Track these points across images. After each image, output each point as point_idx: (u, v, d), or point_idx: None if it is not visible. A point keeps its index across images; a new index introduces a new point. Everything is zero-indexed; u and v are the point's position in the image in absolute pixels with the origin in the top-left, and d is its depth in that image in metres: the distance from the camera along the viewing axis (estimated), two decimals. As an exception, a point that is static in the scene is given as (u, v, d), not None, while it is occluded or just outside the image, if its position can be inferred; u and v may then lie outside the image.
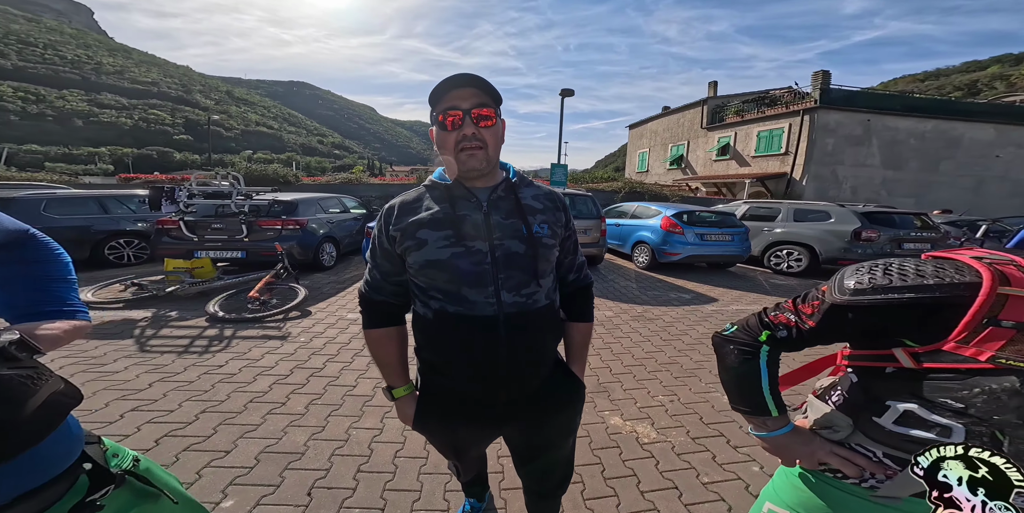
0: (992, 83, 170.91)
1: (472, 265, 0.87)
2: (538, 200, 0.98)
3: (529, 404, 0.99)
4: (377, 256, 0.97)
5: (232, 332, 3.38)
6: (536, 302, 0.93)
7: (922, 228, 6.42)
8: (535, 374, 0.98)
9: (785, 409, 0.84)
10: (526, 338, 0.92)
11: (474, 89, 0.83)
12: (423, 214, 0.90)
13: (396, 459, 1.92)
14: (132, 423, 2.09)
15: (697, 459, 1.92)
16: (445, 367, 0.96)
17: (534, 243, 0.91)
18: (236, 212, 5.07)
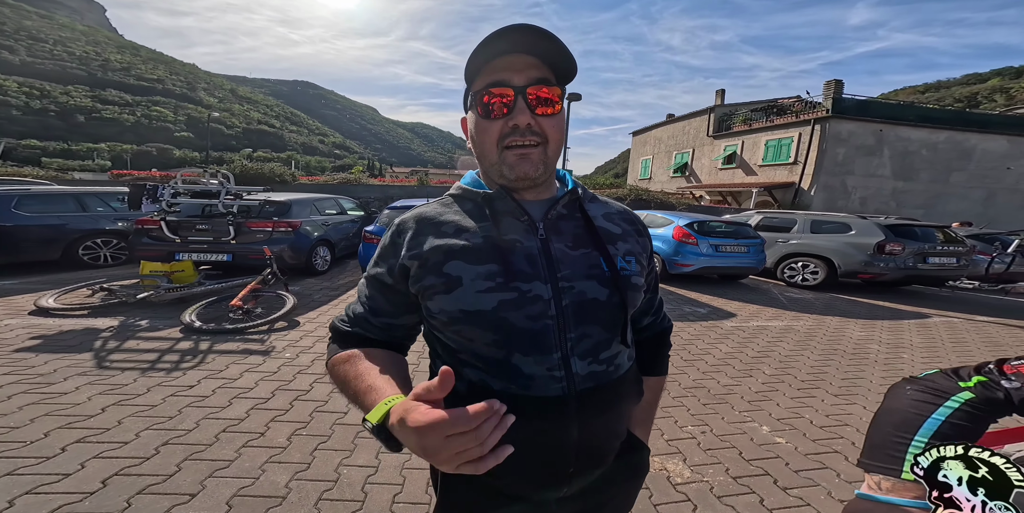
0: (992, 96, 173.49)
1: (528, 320, 0.59)
2: (613, 221, 0.71)
3: (589, 487, 0.71)
4: (371, 288, 0.68)
5: (208, 345, 3.06)
6: (619, 368, 0.66)
7: (946, 242, 6.24)
8: (608, 458, 0.70)
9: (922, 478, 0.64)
10: (605, 421, 0.65)
11: (532, 57, 0.57)
12: (452, 237, 0.62)
13: (395, 505, 1.63)
14: (75, 458, 1.76)
15: (742, 503, 1.68)
16: None
17: (621, 285, 0.63)
18: (224, 212, 4.77)
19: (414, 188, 13.06)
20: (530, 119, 0.58)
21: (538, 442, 0.61)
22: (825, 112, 14.32)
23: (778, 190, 15.65)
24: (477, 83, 0.59)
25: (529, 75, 0.57)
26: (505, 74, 0.57)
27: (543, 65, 0.58)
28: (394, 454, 1.83)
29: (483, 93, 0.58)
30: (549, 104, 0.59)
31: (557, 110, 0.60)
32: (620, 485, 0.77)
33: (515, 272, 0.59)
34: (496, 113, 0.58)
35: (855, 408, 2.57)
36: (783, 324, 4.35)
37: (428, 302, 0.62)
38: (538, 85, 0.57)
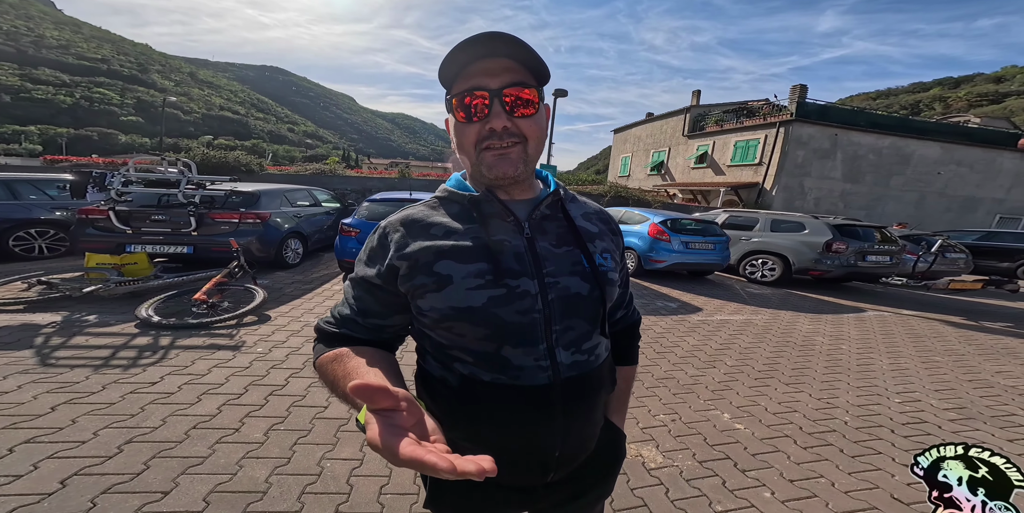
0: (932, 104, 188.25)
1: (518, 314, 0.62)
2: (590, 221, 0.75)
3: (571, 477, 0.76)
4: (358, 289, 0.68)
5: (170, 341, 2.90)
6: (598, 358, 0.70)
7: (882, 241, 6.71)
8: (589, 445, 0.75)
9: None
10: (586, 407, 0.69)
11: (509, 61, 0.58)
12: (441, 237, 0.64)
13: (382, 496, 1.63)
14: (25, 459, 1.65)
15: (707, 485, 1.80)
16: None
17: (600, 280, 0.67)
18: (184, 203, 4.50)
19: (395, 180, 12.65)
20: (506, 121, 0.59)
21: (527, 429, 0.64)
22: (789, 115, 14.97)
23: (744, 190, 16.30)
24: (454, 88, 0.60)
25: (504, 78, 0.58)
26: (481, 78, 0.58)
27: (519, 67, 0.59)
28: None
29: (460, 97, 0.59)
30: (527, 105, 0.60)
31: (534, 111, 0.61)
32: (600, 470, 0.82)
33: (504, 270, 0.62)
34: (474, 117, 0.59)
35: (803, 396, 2.78)
36: (743, 318, 4.61)
37: (419, 301, 0.64)
38: (516, 86, 0.58)
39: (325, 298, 4.26)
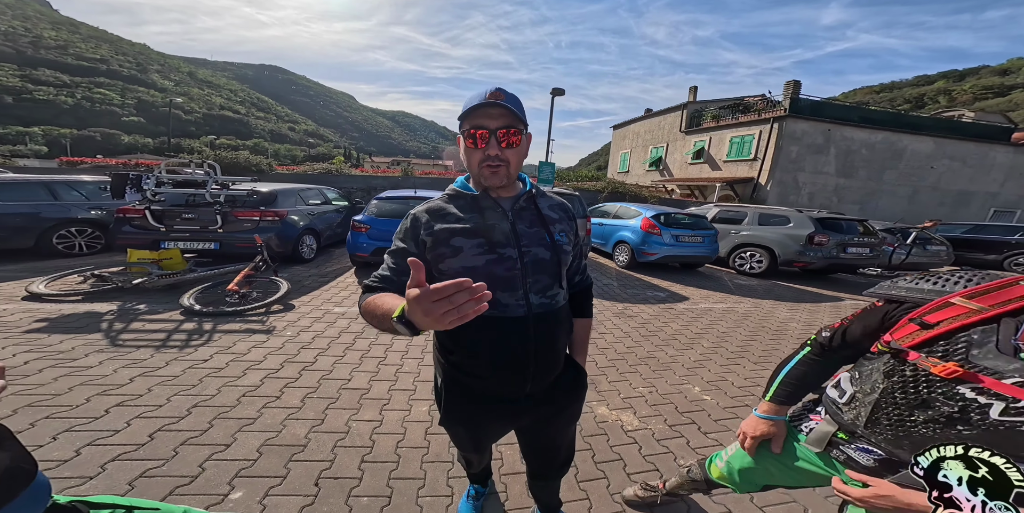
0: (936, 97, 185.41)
1: (505, 270, 0.94)
2: (554, 210, 1.06)
3: (545, 394, 1.08)
4: (397, 257, 0.99)
5: (212, 326, 3.29)
6: (558, 302, 1.03)
7: (864, 234, 6.96)
8: (555, 366, 1.07)
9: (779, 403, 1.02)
10: (550, 334, 1.01)
11: (503, 109, 0.87)
12: (454, 222, 0.96)
13: (398, 449, 1.98)
14: (119, 418, 2.04)
15: (674, 444, 2.11)
16: (476, 367, 1.01)
17: (557, 250, 1.00)
18: (211, 202, 4.87)
19: (398, 179, 12.78)
20: (498, 151, 0.89)
21: (512, 346, 0.96)
22: (783, 111, 15.01)
23: (739, 185, 16.39)
24: (466, 122, 0.88)
25: (500, 121, 0.87)
26: (484, 120, 0.87)
27: (510, 113, 0.87)
28: (394, 411, 2.25)
29: (471, 130, 0.88)
30: (512, 140, 0.89)
31: (518, 144, 0.90)
32: (567, 395, 1.13)
33: (495, 242, 0.94)
34: (477, 146, 0.89)
35: (767, 373, 3.06)
36: (726, 306, 4.92)
37: (440, 264, 0.95)
38: (506, 128, 0.87)
39: (341, 288, 4.63)
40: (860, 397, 0.78)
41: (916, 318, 0.71)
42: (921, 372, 0.68)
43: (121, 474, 1.67)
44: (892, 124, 16.10)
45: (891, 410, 0.73)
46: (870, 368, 0.78)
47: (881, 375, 0.74)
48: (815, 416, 0.96)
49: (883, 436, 0.76)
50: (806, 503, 1.75)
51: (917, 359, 0.68)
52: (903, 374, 0.71)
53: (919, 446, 0.64)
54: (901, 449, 0.74)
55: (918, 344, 0.69)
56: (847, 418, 0.82)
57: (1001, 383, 0.61)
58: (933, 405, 0.67)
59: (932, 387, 0.67)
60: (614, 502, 1.70)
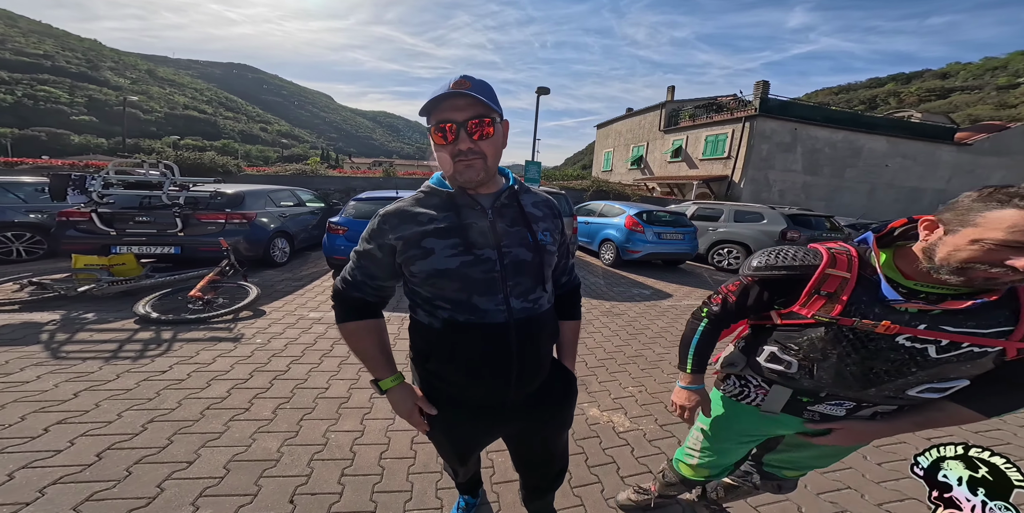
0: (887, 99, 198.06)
1: (482, 273, 0.86)
2: (538, 207, 0.98)
3: (532, 401, 1.02)
4: (364, 260, 0.93)
5: (172, 335, 3.04)
6: (541, 306, 0.95)
7: (831, 229, 7.26)
8: (539, 373, 1.00)
9: (698, 372, 1.14)
10: (534, 341, 0.94)
11: (469, 99, 0.78)
12: (426, 223, 0.87)
13: (382, 460, 1.86)
14: (60, 437, 1.82)
15: (665, 445, 2.09)
16: (454, 375, 0.94)
17: (540, 250, 0.91)
18: (169, 204, 4.56)
19: (379, 180, 12.42)
20: (470, 144, 0.80)
21: (492, 353, 0.90)
22: (754, 111, 15.53)
23: (715, 183, 16.82)
24: (431, 118, 0.80)
25: (467, 113, 0.78)
26: (450, 113, 0.79)
27: (478, 103, 0.78)
28: (377, 420, 2.15)
29: (438, 125, 0.80)
30: (485, 131, 0.80)
31: (491, 133, 0.81)
32: (556, 402, 1.07)
33: (471, 242, 0.85)
34: (446, 141, 0.81)
35: None
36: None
37: (411, 267, 0.87)
38: (476, 118, 0.79)
39: (317, 293, 4.41)
40: (815, 365, 0.90)
41: (815, 291, 0.86)
42: (863, 333, 0.82)
43: (64, 498, 1.49)
44: (851, 124, 16.94)
45: (853, 368, 0.85)
46: (806, 339, 0.89)
47: (827, 343, 0.86)
48: (757, 389, 1.06)
49: (852, 389, 0.88)
50: (800, 502, 1.74)
51: (853, 324, 0.81)
52: (848, 338, 0.83)
53: (884, 389, 0.85)
54: (868, 395, 0.89)
55: (841, 312, 0.82)
56: (806, 384, 0.94)
57: (920, 330, 0.76)
58: (886, 355, 0.81)
59: (877, 342, 0.81)
60: (609, 507, 1.65)
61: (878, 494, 1.81)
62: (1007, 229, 0.62)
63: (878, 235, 0.86)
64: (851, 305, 0.82)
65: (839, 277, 0.83)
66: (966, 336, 0.74)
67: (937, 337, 0.75)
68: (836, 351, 0.85)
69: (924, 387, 0.82)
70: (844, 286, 0.83)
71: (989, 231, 0.64)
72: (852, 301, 0.82)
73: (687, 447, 1.24)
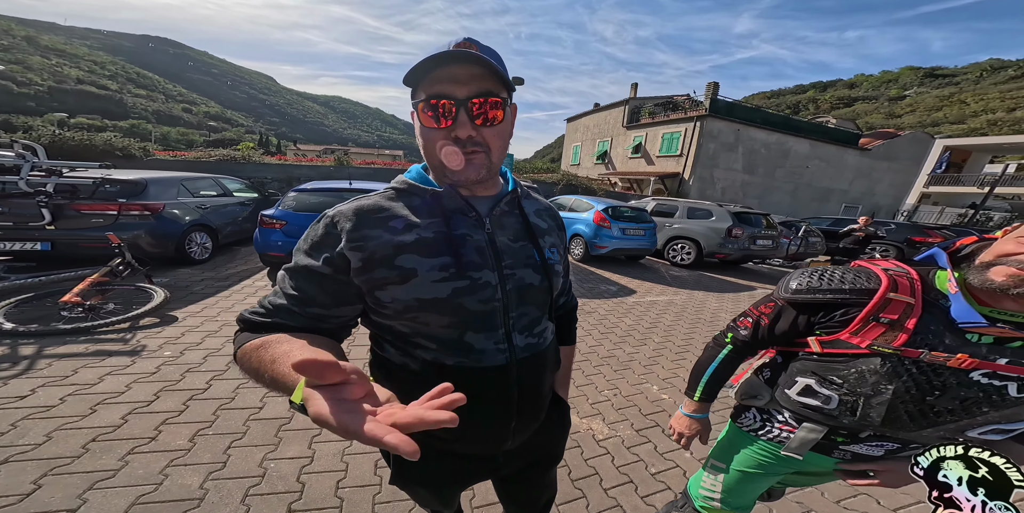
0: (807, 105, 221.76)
1: (480, 303, 0.65)
2: (542, 217, 0.80)
3: (526, 443, 0.83)
4: (299, 280, 0.64)
5: (35, 350, 2.41)
6: (545, 340, 0.77)
7: (767, 227, 7.66)
8: (540, 416, 0.81)
9: (706, 401, 1.05)
10: (536, 381, 0.76)
11: (476, 68, 0.57)
12: (402, 231, 0.64)
13: (340, 491, 1.55)
14: None
15: (643, 451, 2.01)
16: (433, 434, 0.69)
17: (549, 272, 0.73)
18: (29, 192, 3.71)
19: (329, 168, 11.20)
20: (471, 131, 0.59)
21: (488, 402, 0.69)
22: (704, 111, 16.37)
23: (669, 179, 17.61)
24: (421, 89, 0.59)
25: (473, 87, 0.57)
26: (448, 85, 0.57)
27: (488, 75, 0.58)
28: (330, 442, 1.78)
29: (427, 102, 0.58)
30: (492, 115, 0.59)
31: (500, 119, 0.61)
32: (550, 437, 0.91)
33: (467, 263, 0.64)
34: (440, 123, 0.59)
35: None
36: (667, 299, 5.07)
37: (379, 292, 0.63)
38: (483, 95, 0.58)
39: (246, 295, 3.82)
40: (861, 401, 0.79)
41: (873, 317, 0.75)
42: (929, 366, 0.71)
43: None
44: (783, 126, 18.54)
45: (911, 406, 0.75)
46: (854, 371, 0.78)
47: (881, 377, 0.75)
48: (782, 426, 0.94)
49: (905, 430, 0.79)
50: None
51: (920, 355, 0.71)
52: (911, 372, 0.73)
53: (942, 429, 0.75)
54: (922, 436, 0.79)
55: (906, 342, 0.72)
56: (847, 422, 0.83)
57: (1002, 365, 0.67)
58: (954, 393, 0.71)
59: (947, 378, 0.71)
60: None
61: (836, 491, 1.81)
62: None
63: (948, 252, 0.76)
64: (917, 334, 0.72)
65: (903, 302, 0.73)
66: None
67: (1022, 373, 0.66)
68: (893, 386, 0.74)
69: (989, 428, 0.74)
70: (909, 313, 0.73)
71: None
72: (919, 330, 0.72)
73: (705, 489, 1.11)
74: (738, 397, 1.04)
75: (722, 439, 1.10)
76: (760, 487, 1.05)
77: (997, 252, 0.65)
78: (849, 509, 1.68)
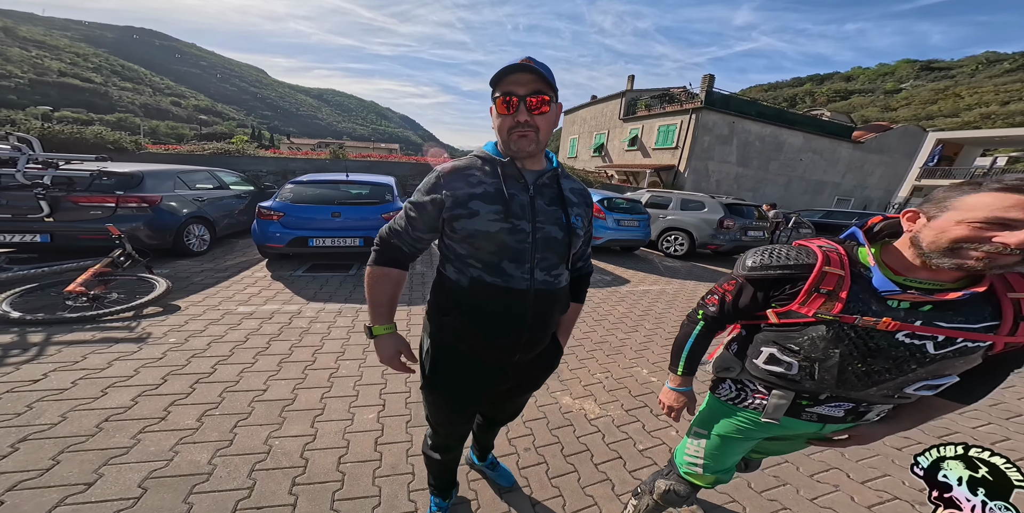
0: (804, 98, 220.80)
1: (516, 242, 0.93)
2: (575, 194, 1.05)
3: (527, 366, 1.10)
4: (412, 212, 0.99)
5: (44, 337, 2.49)
6: (560, 283, 1.03)
7: (759, 218, 7.80)
8: (544, 341, 1.08)
9: (689, 374, 1.15)
10: (546, 311, 1.01)
11: (532, 75, 0.85)
12: (475, 185, 0.94)
13: (341, 466, 1.64)
14: None
15: (632, 430, 2.11)
16: (470, 332, 1.00)
17: (570, 232, 0.99)
18: (27, 184, 3.73)
19: (325, 162, 11.09)
20: (527, 117, 0.88)
21: (508, 316, 0.97)
22: (699, 103, 16.26)
23: (664, 172, 17.57)
24: (497, 89, 0.88)
25: (529, 87, 0.86)
26: (513, 86, 0.86)
27: (539, 80, 0.86)
28: (331, 422, 1.90)
29: (500, 97, 0.87)
30: (541, 107, 0.87)
31: (547, 110, 0.88)
32: (541, 368, 1.17)
33: (512, 212, 0.92)
34: (507, 111, 0.88)
35: None
36: (659, 288, 5.17)
37: (454, 223, 0.93)
38: (535, 94, 0.86)
39: (246, 285, 3.87)
40: (817, 365, 0.88)
41: (815, 289, 0.85)
42: (864, 331, 0.81)
43: None
44: (777, 119, 18.48)
45: (856, 366, 0.84)
46: (807, 338, 0.87)
47: (828, 342, 0.84)
48: (757, 394, 1.03)
49: (854, 389, 0.88)
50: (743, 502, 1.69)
51: (855, 321, 0.80)
52: (850, 336, 0.82)
53: (884, 388, 0.85)
54: (869, 395, 0.88)
55: (842, 309, 0.82)
56: (808, 386, 0.92)
57: (918, 326, 0.77)
58: (887, 353, 0.81)
59: (878, 340, 0.81)
60: (586, 495, 1.62)
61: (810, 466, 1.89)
62: (987, 208, 0.66)
63: (863, 230, 0.88)
64: (850, 302, 0.82)
65: (836, 274, 0.84)
66: (960, 331, 0.76)
67: (934, 333, 0.77)
68: (838, 350, 0.84)
69: (920, 384, 0.84)
70: (841, 283, 0.83)
71: (971, 212, 0.68)
72: (851, 298, 0.82)
73: (689, 456, 1.19)
74: (714, 371, 1.13)
75: (703, 409, 1.18)
76: (739, 452, 1.13)
77: (951, 238, 0.70)
78: (821, 482, 1.78)
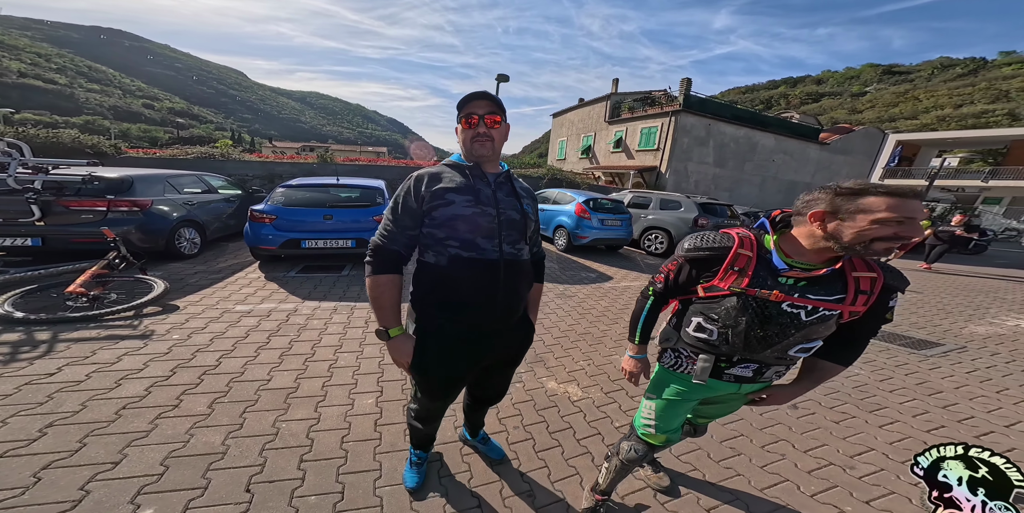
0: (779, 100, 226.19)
1: (487, 222, 1.17)
2: (523, 191, 1.32)
3: (507, 340, 1.31)
4: (399, 213, 1.19)
5: (51, 335, 2.58)
6: (522, 255, 1.27)
7: (731, 217, 8.18)
8: (518, 308, 1.28)
9: (643, 343, 1.34)
10: (515, 279, 1.23)
11: (488, 101, 1.16)
12: (449, 183, 1.17)
13: (344, 444, 1.80)
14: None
15: (610, 409, 2.30)
16: (451, 304, 1.19)
17: (524, 215, 1.26)
18: (17, 188, 3.77)
19: (312, 166, 10.97)
20: (485, 130, 1.17)
21: (484, 283, 1.17)
22: (678, 106, 16.72)
23: (647, 173, 17.94)
24: (463, 111, 1.16)
25: (486, 109, 1.16)
26: (475, 108, 1.15)
27: (493, 104, 1.17)
28: (333, 407, 2.12)
29: (465, 117, 1.16)
30: (496, 122, 1.18)
31: (499, 126, 1.18)
32: (518, 344, 1.38)
33: (481, 201, 1.17)
34: (471, 126, 1.16)
35: None
36: (640, 284, 5.41)
37: (434, 212, 1.15)
38: (491, 114, 1.16)
39: (242, 285, 3.98)
40: (730, 331, 1.06)
41: (731, 267, 1.03)
42: (760, 301, 1.00)
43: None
44: (751, 121, 19.04)
45: (757, 332, 1.02)
46: (723, 309, 1.06)
47: (738, 311, 1.03)
48: (690, 360, 1.20)
49: (755, 352, 1.06)
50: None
51: (755, 293, 0.99)
52: (752, 306, 1.01)
53: (775, 350, 1.04)
54: (767, 356, 1.07)
55: (748, 284, 1.00)
56: (724, 349, 1.10)
57: (795, 298, 0.97)
58: (775, 320, 1.00)
59: (769, 309, 1.00)
60: (569, 466, 1.79)
61: (761, 438, 2.09)
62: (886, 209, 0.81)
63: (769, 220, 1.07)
64: (754, 278, 1.00)
65: (746, 256, 1.02)
66: (820, 302, 0.96)
67: (805, 303, 0.97)
68: (744, 318, 1.03)
69: (798, 348, 1.03)
70: (749, 263, 1.02)
71: (879, 213, 0.81)
72: (755, 275, 1.01)
73: (643, 418, 1.34)
74: (659, 343, 1.32)
75: (653, 377, 1.36)
76: (682, 413, 1.29)
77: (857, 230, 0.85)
78: (770, 452, 1.99)
